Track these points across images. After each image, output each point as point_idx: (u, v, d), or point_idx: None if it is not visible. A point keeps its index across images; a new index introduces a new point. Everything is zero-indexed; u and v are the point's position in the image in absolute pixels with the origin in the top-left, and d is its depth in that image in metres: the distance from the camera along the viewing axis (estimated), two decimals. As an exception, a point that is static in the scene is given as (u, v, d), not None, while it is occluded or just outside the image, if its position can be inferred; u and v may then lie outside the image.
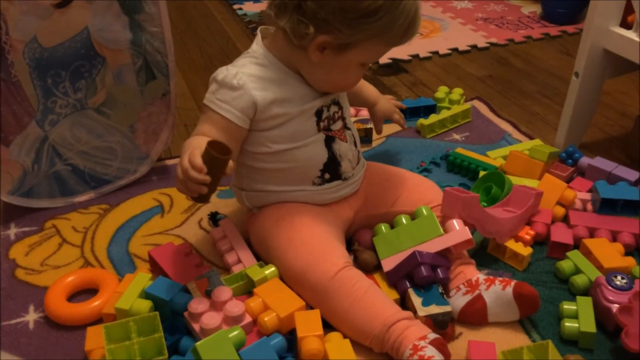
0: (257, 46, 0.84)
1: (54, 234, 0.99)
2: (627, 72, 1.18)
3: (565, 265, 0.89)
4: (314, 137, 0.85)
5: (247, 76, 0.80)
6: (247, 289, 0.83)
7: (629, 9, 1.09)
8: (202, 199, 0.70)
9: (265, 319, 0.74)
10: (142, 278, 0.81)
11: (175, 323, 0.77)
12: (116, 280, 0.86)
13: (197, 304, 0.75)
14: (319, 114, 0.85)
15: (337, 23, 0.74)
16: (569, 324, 0.79)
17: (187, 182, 0.69)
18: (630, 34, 1.08)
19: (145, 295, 0.79)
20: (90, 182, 1.07)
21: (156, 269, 0.88)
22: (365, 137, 1.23)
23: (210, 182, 0.68)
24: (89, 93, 1.01)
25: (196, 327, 0.74)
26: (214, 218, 1.02)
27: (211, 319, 0.73)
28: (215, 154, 0.67)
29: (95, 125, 1.04)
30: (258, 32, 0.86)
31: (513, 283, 0.78)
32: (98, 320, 0.81)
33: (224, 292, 0.76)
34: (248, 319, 0.75)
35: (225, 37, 1.85)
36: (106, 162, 1.07)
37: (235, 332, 0.72)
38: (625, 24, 1.11)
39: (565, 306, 0.82)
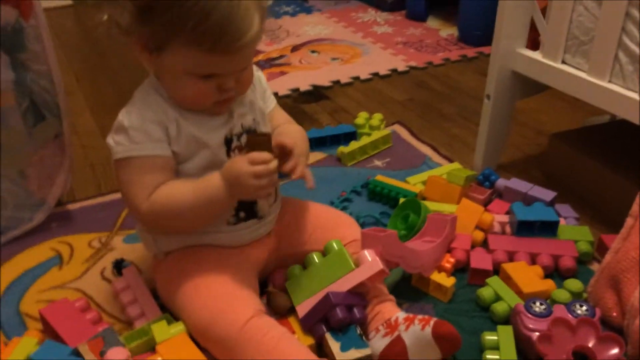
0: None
1: None
2: (537, 92, 1.20)
3: (485, 292, 0.87)
4: None
5: (147, 110, 0.76)
6: (150, 346, 0.76)
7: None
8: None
9: (163, 383, 0.67)
10: (27, 343, 0.73)
11: (64, 393, 0.69)
12: (1, 345, 0.77)
13: (87, 371, 0.67)
14: (227, 142, 0.80)
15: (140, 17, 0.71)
16: (490, 356, 0.76)
17: (271, 180, 0.72)
18: (536, 55, 1.10)
19: (30, 363, 0.70)
20: (-22, 235, 0.97)
21: (48, 329, 0.79)
22: (284, 169, 1.18)
23: None
24: (-29, 138, 0.92)
25: (87, 397, 0.66)
26: (119, 266, 0.94)
27: (102, 387, 0.65)
28: (262, 137, 0.72)
29: (-21, 173, 0.94)
30: None
31: (432, 322, 0.73)
32: (-21, 395, 0.72)
33: (118, 354, 0.69)
34: (146, 383, 0.68)
35: (140, 69, 1.77)
36: (-5, 212, 0.97)
37: (131, 400, 0.65)
38: (537, 44, 1.12)
39: (486, 337, 0.79)
